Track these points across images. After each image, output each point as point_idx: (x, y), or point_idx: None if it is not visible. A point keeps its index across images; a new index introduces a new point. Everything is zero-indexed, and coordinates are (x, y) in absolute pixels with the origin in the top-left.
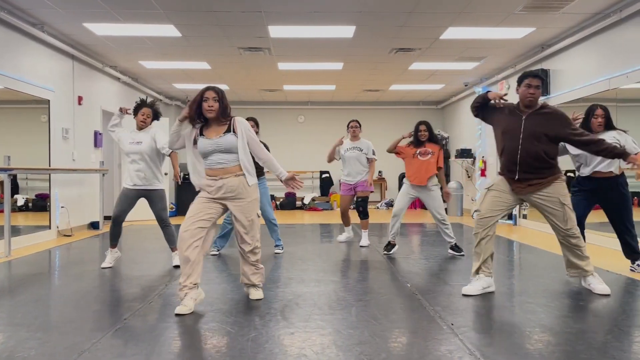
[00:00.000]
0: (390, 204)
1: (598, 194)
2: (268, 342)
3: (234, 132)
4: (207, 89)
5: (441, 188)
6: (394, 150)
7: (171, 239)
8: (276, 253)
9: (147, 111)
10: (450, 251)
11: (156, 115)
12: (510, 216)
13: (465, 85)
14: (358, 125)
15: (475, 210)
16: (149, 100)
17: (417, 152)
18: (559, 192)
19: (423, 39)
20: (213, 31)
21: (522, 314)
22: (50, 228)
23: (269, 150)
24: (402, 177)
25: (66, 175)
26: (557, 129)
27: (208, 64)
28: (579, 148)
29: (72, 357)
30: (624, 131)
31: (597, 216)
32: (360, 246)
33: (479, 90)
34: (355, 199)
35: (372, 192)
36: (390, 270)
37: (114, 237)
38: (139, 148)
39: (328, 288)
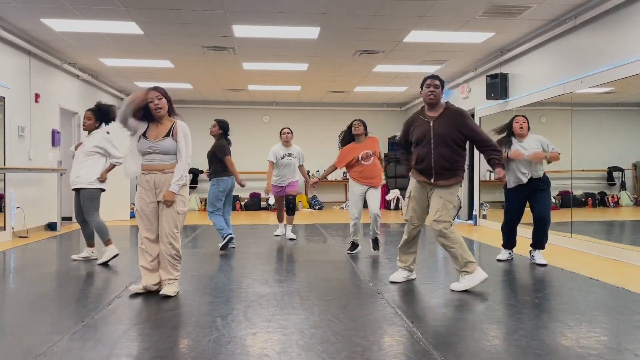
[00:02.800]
0: None
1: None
2: (230, 343)
3: (173, 136)
4: (148, 90)
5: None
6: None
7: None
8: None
9: (86, 114)
10: (371, 247)
11: (101, 116)
12: (470, 216)
13: None
14: (291, 132)
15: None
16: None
17: (360, 157)
18: None
19: (387, 41)
20: (176, 29)
21: (480, 311)
22: (4, 229)
23: (229, 151)
24: None
25: (22, 174)
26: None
27: (171, 63)
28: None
29: None
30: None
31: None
32: (289, 239)
33: (447, 93)
34: (286, 196)
35: (299, 193)
36: (352, 270)
37: (89, 236)
38: (79, 150)
39: (291, 288)
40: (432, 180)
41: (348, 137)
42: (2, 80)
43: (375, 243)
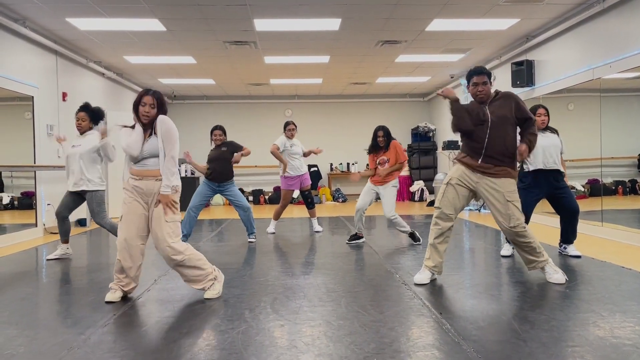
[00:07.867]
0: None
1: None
2: (258, 335)
3: (155, 133)
4: (145, 93)
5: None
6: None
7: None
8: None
9: (80, 115)
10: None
11: (93, 118)
12: None
13: (451, 77)
14: (295, 126)
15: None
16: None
17: (377, 162)
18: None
19: (409, 31)
20: (198, 25)
21: (510, 302)
22: (36, 226)
23: (241, 148)
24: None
25: (52, 172)
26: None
27: (193, 59)
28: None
29: (61, 354)
30: (555, 131)
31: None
32: (315, 231)
33: (464, 82)
34: (302, 192)
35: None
36: (379, 262)
37: (65, 233)
38: (75, 151)
39: (317, 280)
40: (479, 161)
41: (373, 143)
42: (30, 80)
43: (412, 236)
